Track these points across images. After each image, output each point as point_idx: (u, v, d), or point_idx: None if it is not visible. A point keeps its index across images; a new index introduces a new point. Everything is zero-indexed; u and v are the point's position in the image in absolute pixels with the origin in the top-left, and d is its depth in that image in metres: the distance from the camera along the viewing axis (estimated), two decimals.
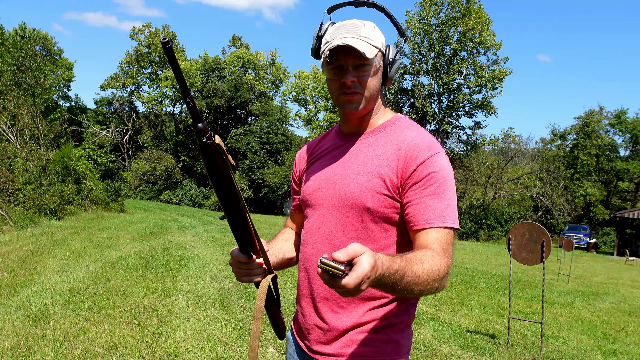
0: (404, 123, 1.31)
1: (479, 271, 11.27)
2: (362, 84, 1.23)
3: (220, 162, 0.97)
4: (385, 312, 1.23)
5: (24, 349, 3.47)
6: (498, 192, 34.74)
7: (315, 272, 1.28)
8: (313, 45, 1.31)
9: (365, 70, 1.22)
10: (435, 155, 1.20)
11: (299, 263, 1.39)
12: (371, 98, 1.26)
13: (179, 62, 40.34)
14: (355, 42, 1.17)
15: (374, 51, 1.20)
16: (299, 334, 1.36)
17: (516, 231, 4.97)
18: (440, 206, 1.16)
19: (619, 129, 36.17)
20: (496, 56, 31.23)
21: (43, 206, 12.29)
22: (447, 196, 1.18)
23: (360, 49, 1.16)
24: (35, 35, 29.80)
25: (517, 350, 4.76)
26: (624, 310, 7.82)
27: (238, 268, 1.20)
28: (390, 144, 1.25)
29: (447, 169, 1.21)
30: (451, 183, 1.21)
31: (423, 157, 1.19)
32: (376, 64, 1.23)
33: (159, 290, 5.60)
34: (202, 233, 13.04)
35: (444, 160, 1.22)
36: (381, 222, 1.22)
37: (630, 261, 20.92)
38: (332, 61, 1.21)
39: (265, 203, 40.60)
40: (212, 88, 41.00)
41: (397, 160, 1.21)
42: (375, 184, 1.21)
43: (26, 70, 17.10)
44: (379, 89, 1.29)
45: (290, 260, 1.46)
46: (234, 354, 3.77)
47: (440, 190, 1.18)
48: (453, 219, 1.17)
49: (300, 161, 1.48)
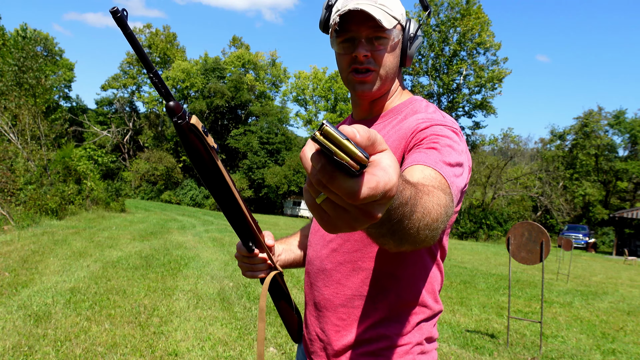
0: (418, 105, 1.12)
1: (478, 271, 11.29)
2: (377, 60, 1.06)
3: (198, 144, 0.89)
4: (389, 331, 1.04)
5: (25, 348, 3.49)
6: (497, 192, 34.76)
7: (315, 275, 1.14)
8: (322, 16, 1.14)
9: (382, 43, 1.05)
10: (445, 127, 0.99)
11: (305, 266, 1.25)
12: (387, 78, 1.09)
13: (179, 62, 39.80)
14: (370, 9, 1.00)
15: (392, 22, 1.03)
16: (304, 343, 1.23)
17: (515, 231, 4.99)
18: (439, 158, 0.90)
19: (618, 129, 36.22)
20: (495, 56, 31.31)
21: (44, 206, 12.31)
22: (452, 155, 0.92)
23: (377, 16, 0.99)
24: (37, 35, 29.84)
25: (516, 349, 4.78)
26: (622, 310, 7.83)
27: (241, 262, 1.16)
28: (401, 131, 1.05)
29: (458, 142, 0.97)
30: (462, 151, 0.96)
31: (427, 125, 1.00)
32: (394, 37, 1.06)
33: (160, 289, 5.63)
34: (202, 233, 13.06)
35: (459, 138, 0.99)
36: None
37: (629, 261, 20.94)
38: (342, 31, 1.04)
39: (265, 203, 40.63)
40: (213, 88, 41.04)
41: (407, 143, 1.01)
42: None
43: (27, 70, 17.13)
44: (396, 68, 1.11)
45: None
46: (234, 353, 3.79)
47: (442, 148, 0.92)
48: (450, 175, 0.88)
49: None
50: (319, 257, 1.13)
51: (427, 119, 1.02)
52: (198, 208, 34.44)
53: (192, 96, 43.48)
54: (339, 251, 1.09)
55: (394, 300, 1.05)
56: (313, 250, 1.17)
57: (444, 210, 0.74)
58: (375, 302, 1.05)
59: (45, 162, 14.44)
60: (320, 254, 1.13)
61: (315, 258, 1.15)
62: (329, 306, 1.10)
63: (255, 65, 46.24)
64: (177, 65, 41.73)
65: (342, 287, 1.08)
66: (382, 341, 1.04)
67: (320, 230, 1.15)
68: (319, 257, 1.13)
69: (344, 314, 1.08)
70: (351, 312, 1.07)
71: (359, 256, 1.06)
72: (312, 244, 1.19)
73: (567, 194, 35.34)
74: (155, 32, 44.45)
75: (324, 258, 1.12)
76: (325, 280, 1.11)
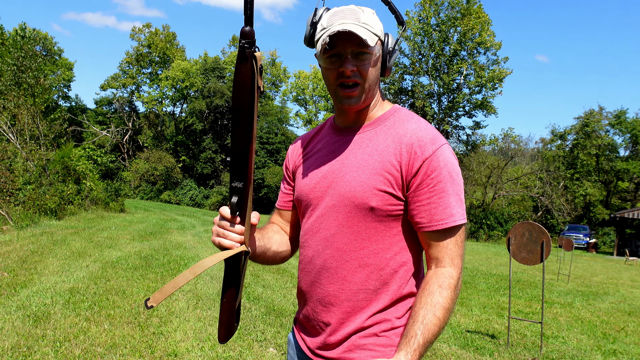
0: (403, 114, 1.24)
1: (478, 271, 11.28)
2: (362, 73, 1.16)
3: (249, 75, 0.95)
4: (388, 316, 1.19)
5: (24, 348, 3.47)
6: (498, 192, 34.75)
7: (318, 273, 1.23)
8: (306, 32, 1.22)
9: (366, 58, 1.15)
10: (439, 149, 1.15)
11: (299, 265, 1.31)
12: (370, 89, 1.20)
13: (179, 62, 39.87)
14: (356, 28, 1.10)
15: (374, 39, 1.14)
16: (302, 332, 1.32)
17: (516, 231, 4.97)
18: (448, 203, 1.13)
19: (619, 129, 36.19)
20: (496, 56, 31.21)
21: (43, 206, 12.29)
22: (455, 192, 1.15)
23: (362, 35, 1.09)
24: (36, 35, 29.81)
25: (517, 350, 4.76)
26: (623, 310, 7.82)
27: (217, 225, 1.11)
28: (391, 137, 1.19)
29: (452, 162, 1.16)
30: (457, 177, 1.17)
31: (428, 153, 1.14)
32: (376, 52, 1.17)
33: None
34: (202, 233, 13.04)
35: (449, 153, 1.17)
36: (385, 220, 1.16)
37: (630, 261, 20.93)
38: (330, 48, 1.14)
39: (265, 203, 40.59)
40: (212, 88, 40.99)
41: (400, 154, 1.15)
42: (378, 181, 1.15)
43: (26, 70, 17.10)
44: (378, 80, 1.22)
45: (275, 255, 1.32)
46: (234, 353, 3.77)
47: (447, 187, 1.14)
48: (461, 215, 1.15)
49: (294, 156, 1.38)
50: (322, 257, 1.21)
51: (428, 140, 1.16)
52: (198, 208, 34.44)
53: (191, 96, 43.43)
54: (344, 250, 1.19)
55: (394, 292, 1.19)
56: (313, 251, 1.24)
57: (448, 307, 1.12)
58: (378, 294, 1.19)
59: (44, 162, 14.42)
60: (323, 253, 1.21)
61: (316, 258, 1.23)
62: (335, 301, 1.20)
63: None
64: (177, 65, 41.64)
65: (348, 283, 1.19)
66: (382, 324, 1.18)
67: (321, 232, 1.22)
68: (322, 257, 1.21)
69: (349, 307, 1.19)
70: (356, 305, 1.19)
71: (364, 254, 1.18)
72: (310, 245, 1.25)
73: (568, 194, 35.31)
74: (154, 31, 44.37)
75: (328, 257, 1.20)
76: (330, 278, 1.21)
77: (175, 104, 45.86)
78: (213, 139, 41.90)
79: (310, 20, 1.21)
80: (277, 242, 1.33)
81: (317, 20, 1.20)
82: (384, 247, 1.17)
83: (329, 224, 1.20)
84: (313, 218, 1.25)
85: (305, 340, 1.30)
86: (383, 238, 1.17)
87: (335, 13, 1.16)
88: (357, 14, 1.15)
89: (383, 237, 1.17)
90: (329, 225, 1.20)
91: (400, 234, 1.18)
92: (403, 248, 1.19)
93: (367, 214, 1.15)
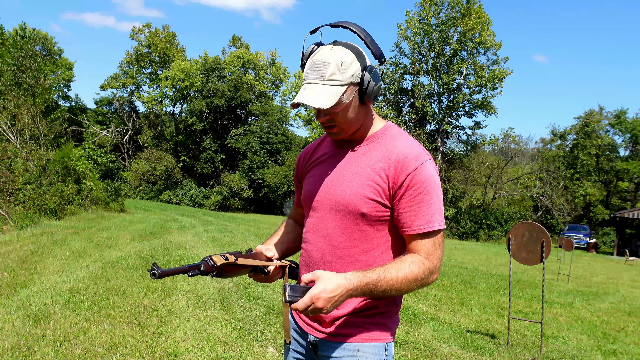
0: (393, 132, 1.41)
1: (478, 271, 11.27)
2: (337, 120, 1.32)
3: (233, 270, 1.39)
4: (376, 302, 1.37)
5: (24, 348, 3.47)
6: (498, 192, 34.75)
7: (316, 266, 1.43)
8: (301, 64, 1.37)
9: (334, 110, 1.28)
10: (422, 164, 1.31)
11: (300, 258, 1.51)
12: (351, 125, 1.34)
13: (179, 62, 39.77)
14: (313, 96, 1.23)
15: (338, 94, 1.24)
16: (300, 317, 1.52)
17: (516, 231, 4.97)
18: (428, 211, 1.31)
19: (619, 129, 36.21)
20: (496, 56, 31.21)
21: (43, 206, 12.28)
22: (434, 202, 1.32)
23: (317, 104, 1.22)
24: (35, 35, 29.76)
25: (517, 350, 4.76)
26: (623, 310, 7.82)
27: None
28: (382, 153, 1.36)
29: (432, 176, 1.33)
30: (437, 189, 1.34)
31: (412, 167, 1.31)
32: (345, 100, 1.27)
33: (159, 290, 5.61)
34: (202, 233, 13.04)
35: (430, 168, 1.33)
36: (374, 224, 1.35)
37: (630, 261, 20.93)
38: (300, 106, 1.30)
39: (265, 203, 40.59)
40: (212, 88, 40.96)
41: (389, 168, 1.32)
42: (368, 191, 1.33)
43: (26, 70, 17.07)
44: (358, 115, 1.34)
45: (298, 247, 1.61)
46: (234, 353, 3.77)
47: (428, 197, 1.31)
48: (439, 222, 1.32)
49: (301, 165, 1.59)
50: (321, 251, 1.41)
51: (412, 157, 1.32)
52: (198, 208, 34.43)
53: (191, 96, 43.40)
54: (339, 247, 1.38)
55: None
56: (313, 246, 1.43)
57: (412, 278, 1.28)
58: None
59: (45, 162, 14.41)
60: (322, 249, 1.40)
61: (315, 252, 1.42)
62: None
63: (255, 65, 46.16)
64: (177, 65, 41.60)
65: None
66: (372, 309, 1.38)
67: (321, 230, 1.42)
68: (321, 251, 1.41)
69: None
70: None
71: (356, 252, 1.37)
72: (311, 240, 1.44)
73: (568, 194, 35.31)
74: (154, 31, 44.35)
75: (326, 252, 1.40)
76: (327, 270, 1.34)
77: (175, 104, 45.86)
78: (213, 139, 41.86)
79: (301, 59, 1.34)
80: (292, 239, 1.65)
81: (305, 62, 1.33)
82: (373, 246, 1.37)
83: (327, 224, 1.40)
84: (314, 218, 1.44)
85: (300, 316, 1.50)
86: (372, 239, 1.36)
87: (310, 66, 1.28)
88: (324, 69, 1.25)
89: (372, 238, 1.36)
90: (327, 225, 1.40)
91: (388, 235, 1.37)
92: (389, 247, 1.38)
93: (358, 218, 1.34)
